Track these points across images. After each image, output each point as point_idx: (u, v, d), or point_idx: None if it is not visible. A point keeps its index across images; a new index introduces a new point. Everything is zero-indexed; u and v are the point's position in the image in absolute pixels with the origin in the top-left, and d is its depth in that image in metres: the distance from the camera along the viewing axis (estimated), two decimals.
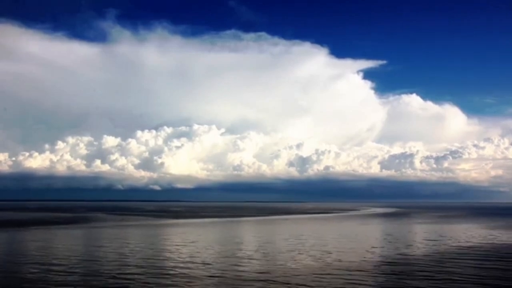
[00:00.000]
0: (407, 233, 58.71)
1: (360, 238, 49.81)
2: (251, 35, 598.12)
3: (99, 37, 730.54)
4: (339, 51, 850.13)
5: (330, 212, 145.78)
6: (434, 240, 46.51)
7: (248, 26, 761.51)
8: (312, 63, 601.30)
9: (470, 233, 56.63)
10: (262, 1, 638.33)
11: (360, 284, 23.48)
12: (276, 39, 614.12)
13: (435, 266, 29.31)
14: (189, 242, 45.30)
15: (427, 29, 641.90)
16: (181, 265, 29.70)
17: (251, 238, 51.03)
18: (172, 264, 29.99)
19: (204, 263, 30.30)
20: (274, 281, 24.35)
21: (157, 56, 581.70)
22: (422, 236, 51.84)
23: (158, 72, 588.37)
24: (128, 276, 25.53)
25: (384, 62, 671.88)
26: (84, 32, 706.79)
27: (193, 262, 30.70)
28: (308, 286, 23.20)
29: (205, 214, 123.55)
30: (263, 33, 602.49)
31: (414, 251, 37.11)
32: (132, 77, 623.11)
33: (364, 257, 33.33)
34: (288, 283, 23.72)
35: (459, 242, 44.83)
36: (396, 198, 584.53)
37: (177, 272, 26.85)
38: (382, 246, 40.81)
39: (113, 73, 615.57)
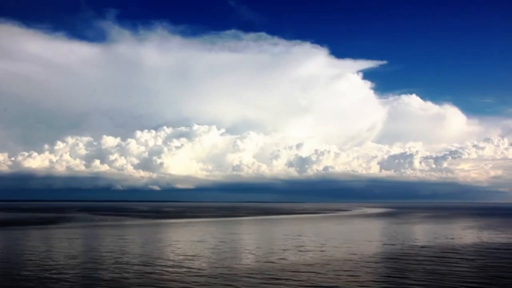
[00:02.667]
0: (372, 233, 58.92)
1: (323, 238, 49.91)
2: (251, 35, 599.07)
3: (99, 37, 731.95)
4: (339, 51, 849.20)
5: (320, 213, 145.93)
6: (391, 240, 46.77)
7: (248, 26, 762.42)
8: (312, 63, 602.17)
9: (437, 233, 56.88)
10: (262, 1, 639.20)
11: (276, 279, 23.83)
12: (276, 39, 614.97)
13: (364, 267, 29.62)
14: (152, 241, 45.82)
15: (427, 29, 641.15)
16: (121, 263, 30.06)
17: (217, 237, 51.07)
18: (111, 262, 30.35)
19: (144, 261, 30.69)
20: (205, 276, 24.76)
21: (157, 56, 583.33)
22: (383, 236, 52.04)
23: (158, 72, 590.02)
24: (53, 274, 25.99)
25: (384, 62, 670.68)
26: (84, 32, 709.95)
27: (136, 260, 31.10)
28: (229, 282, 23.58)
29: (194, 215, 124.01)
30: (263, 33, 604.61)
31: (357, 251, 37.38)
32: (132, 77, 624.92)
33: (309, 257, 33.65)
34: (216, 277, 24.13)
35: (413, 242, 45.15)
36: (396, 198, 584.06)
37: (111, 268, 27.23)
38: (335, 246, 40.99)
39: (113, 73, 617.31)
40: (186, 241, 46.24)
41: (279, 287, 23.05)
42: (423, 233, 58.72)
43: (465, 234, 56.58)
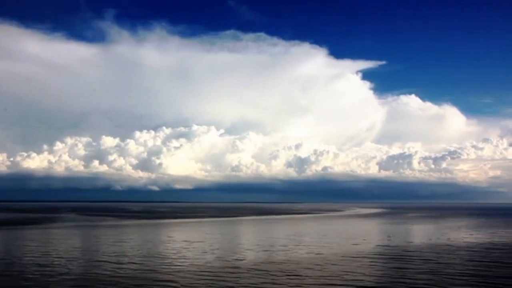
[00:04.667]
0: (349, 233, 58.99)
1: (296, 238, 50.06)
2: (250, 35, 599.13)
3: (98, 37, 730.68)
4: (338, 51, 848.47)
5: (313, 213, 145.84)
6: (361, 240, 46.98)
7: (247, 26, 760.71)
8: (311, 63, 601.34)
9: (413, 234, 57.21)
10: (261, 1, 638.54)
11: (216, 277, 24.03)
12: (275, 40, 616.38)
13: (317, 265, 29.81)
14: (120, 241, 45.95)
15: (426, 29, 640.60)
16: (71, 263, 30.30)
17: (191, 237, 51.15)
18: (65, 259, 30.59)
19: (96, 259, 30.93)
20: (151, 271, 24.97)
21: (156, 56, 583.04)
22: (357, 236, 52.12)
23: (157, 72, 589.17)
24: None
25: (383, 62, 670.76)
26: (82, 32, 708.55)
27: (86, 258, 31.34)
28: (166, 277, 23.79)
29: (184, 215, 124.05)
30: (262, 34, 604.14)
31: (321, 251, 37.55)
32: (131, 77, 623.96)
33: (267, 256, 33.85)
34: (155, 272, 24.33)
35: (381, 242, 45.42)
36: (395, 198, 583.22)
37: (58, 264, 27.45)
38: (301, 246, 41.18)
39: (112, 73, 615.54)
40: (156, 241, 46.49)
41: (213, 282, 23.25)
42: (399, 233, 58.79)
43: (440, 234, 56.66)
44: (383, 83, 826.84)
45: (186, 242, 45.05)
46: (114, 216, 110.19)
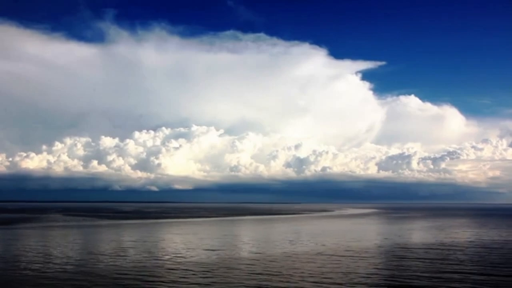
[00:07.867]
0: (312, 233, 59.05)
1: (254, 238, 50.30)
2: (250, 35, 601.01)
3: (97, 37, 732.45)
4: (338, 52, 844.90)
5: (302, 213, 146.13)
6: (317, 241, 47.10)
7: (247, 27, 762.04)
8: (311, 64, 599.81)
9: (381, 234, 57.23)
10: (261, 2, 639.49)
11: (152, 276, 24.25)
12: (274, 40, 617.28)
13: (242, 264, 29.93)
14: (73, 241, 46.24)
15: (426, 30, 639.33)
16: (34, 261, 30.58)
17: (155, 237, 51.35)
18: (26, 259, 30.92)
19: (52, 259, 31.18)
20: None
21: (155, 56, 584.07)
22: (319, 236, 52.25)
23: (157, 72, 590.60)
24: None
25: (383, 63, 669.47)
26: (82, 32, 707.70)
27: (33, 258, 31.64)
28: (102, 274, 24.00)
29: (169, 215, 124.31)
30: (261, 34, 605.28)
31: (263, 250, 37.70)
32: (130, 77, 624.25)
33: (214, 255, 33.99)
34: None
35: (340, 242, 45.60)
36: (394, 199, 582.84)
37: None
38: (252, 245, 41.33)
39: (111, 73, 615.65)
40: (108, 241, 46.63)
41: (137, 277, 23.47)
42: (368, 233, 58.93)
43: (406, 234, 56.92)
44: (383, 83, 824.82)
45: (139, 242, 45.28)
46: (96, 217, 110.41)
